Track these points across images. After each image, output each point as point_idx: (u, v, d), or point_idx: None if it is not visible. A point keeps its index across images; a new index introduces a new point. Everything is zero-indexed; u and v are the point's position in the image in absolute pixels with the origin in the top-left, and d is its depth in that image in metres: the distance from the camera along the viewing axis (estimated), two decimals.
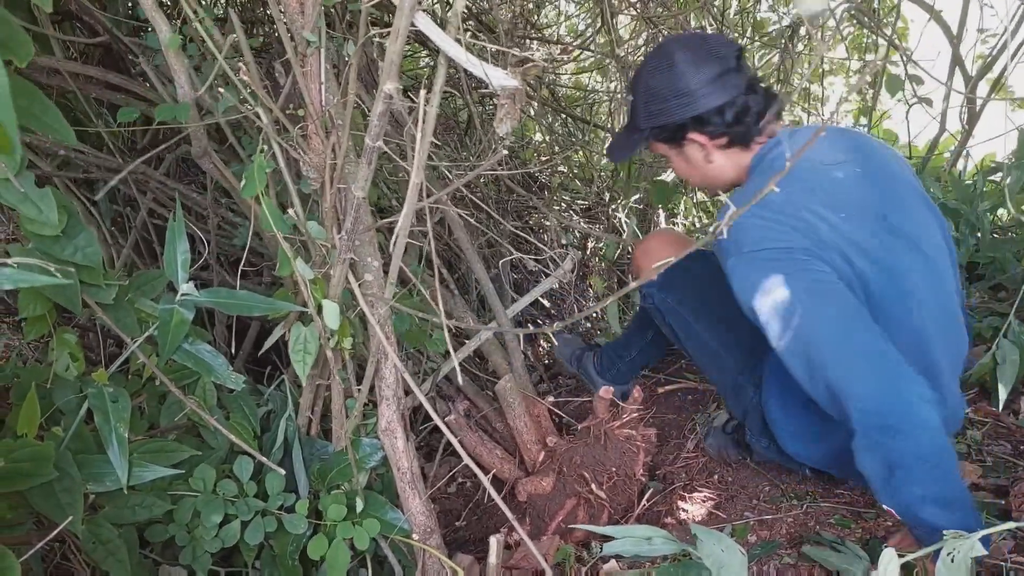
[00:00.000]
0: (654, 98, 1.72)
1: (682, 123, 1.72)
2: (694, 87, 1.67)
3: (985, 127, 3.35)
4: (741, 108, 1.69)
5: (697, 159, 1.79)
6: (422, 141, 1.18)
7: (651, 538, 1.38)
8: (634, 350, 2.46)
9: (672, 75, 1.68)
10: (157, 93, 1.97)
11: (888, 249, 1.59)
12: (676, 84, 1.68)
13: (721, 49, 1.68)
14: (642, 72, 1.75)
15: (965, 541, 1.18)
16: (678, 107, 1.69)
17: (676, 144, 1.79)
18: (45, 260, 1.13)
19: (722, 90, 1.67)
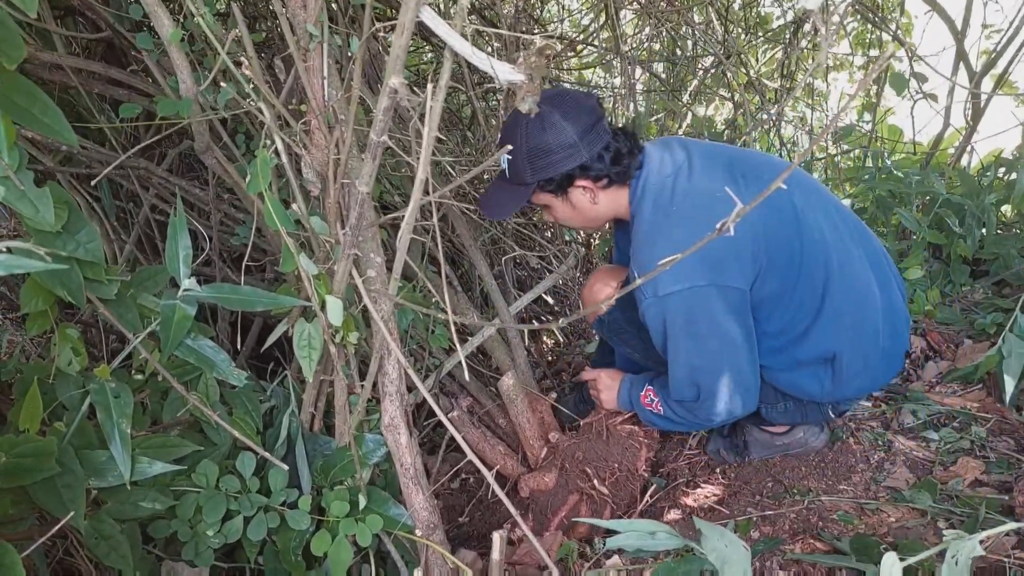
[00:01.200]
0: (539, 153, 1.81)
1: (570, 172, 1.84)
2: (576, 139, 1.80)
3: (990, 122, 3.34)
4: (615, 151, 1.86)
5: (583, 203, 1.93)
6: (428, 136, 1.17)
7: (654, 533, 1.38)
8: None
9: (555, 131, 1.79)
10: (160, 88, 1.96)
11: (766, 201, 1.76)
12: (559, 138, 1.79)
13: (585, 101, 1.84)
14: (519, 131, 1.82)
15: (966, 543, 1.17)
16: (564, 159, 1.82)
17: (562, 192, 1.91)
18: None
19: (597, 137, 1.83)
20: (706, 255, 1.73)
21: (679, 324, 1.78)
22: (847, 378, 1.92)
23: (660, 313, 1.79)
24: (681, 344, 1.81)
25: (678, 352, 1.83)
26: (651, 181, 1.87)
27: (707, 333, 1.78)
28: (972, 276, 2.90)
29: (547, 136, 1.80)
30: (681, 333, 1.80)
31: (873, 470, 1.97)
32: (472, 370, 2.76)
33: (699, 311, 1.76)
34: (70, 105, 2.41)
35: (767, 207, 1.79)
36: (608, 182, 1.88)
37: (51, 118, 1.21)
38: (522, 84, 1.06)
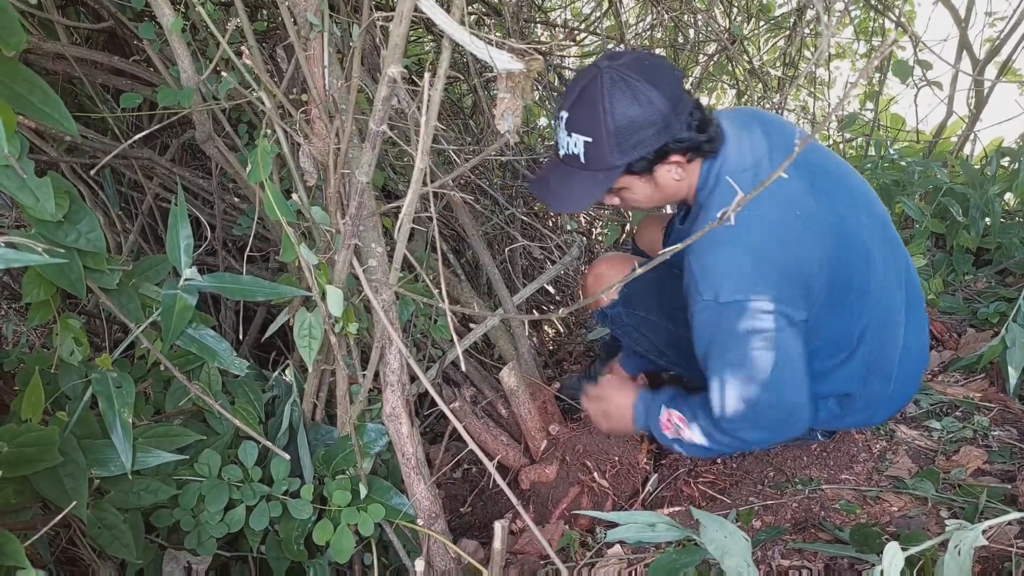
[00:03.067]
0: (630, 130, 1.61)
1: (663, 148, 1.64)
2: (669, 108, 1.61)
3: (993, 110, 3.33)
4: (701, 119, 1.66)
5: (666, 180, 1.72)
6: (427, 126, 1.17)
7: (654, 524, 1.38)
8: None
9: (646, 102, 1.59)
10: (162, 78, 1.96)
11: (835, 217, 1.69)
12: (652, 110, 1.59)
13: (660, 61, 1.66)
14: (600, 108, 1.61)
15: (969, 533, 1.17)
16: (659, 132, 1.62)
17: (647, 171, 1.70)
18: (47, 245, 1.13)
19: (684, 104, 1.64)
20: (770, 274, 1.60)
21: (738, 336, 1.61)
22: (847, 414, 1.90)
23: (714, 321, 1.63)
24: (734, 357, 1.64)
25: (728, 368, 1.65)
26: (727, 170, 1.68)
27: (767, 346, 1.61)
28: (975, 265, 2.89)
29: (639, 109, 1.58)
30: (735, 346, 1.62)
31: (875, 459, 1.97)
32: (475, 360, 2.76)
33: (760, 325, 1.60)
34: (73, 95, 2.41)
35: (840, 239, 1.66)
36: (695, 154, 1.68)
37: (51, 107, 1.21)
38: (519, 75, 1.05)
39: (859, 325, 1.76)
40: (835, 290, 1.68)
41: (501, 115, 1.10)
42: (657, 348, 2.12)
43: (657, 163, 1.67)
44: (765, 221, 1.61)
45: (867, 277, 1.73)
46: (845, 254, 1.68)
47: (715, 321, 1.63)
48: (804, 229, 1.63)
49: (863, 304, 1.73)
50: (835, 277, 1.67)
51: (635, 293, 2.06)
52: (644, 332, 2.10)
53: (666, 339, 2.07)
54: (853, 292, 1.71)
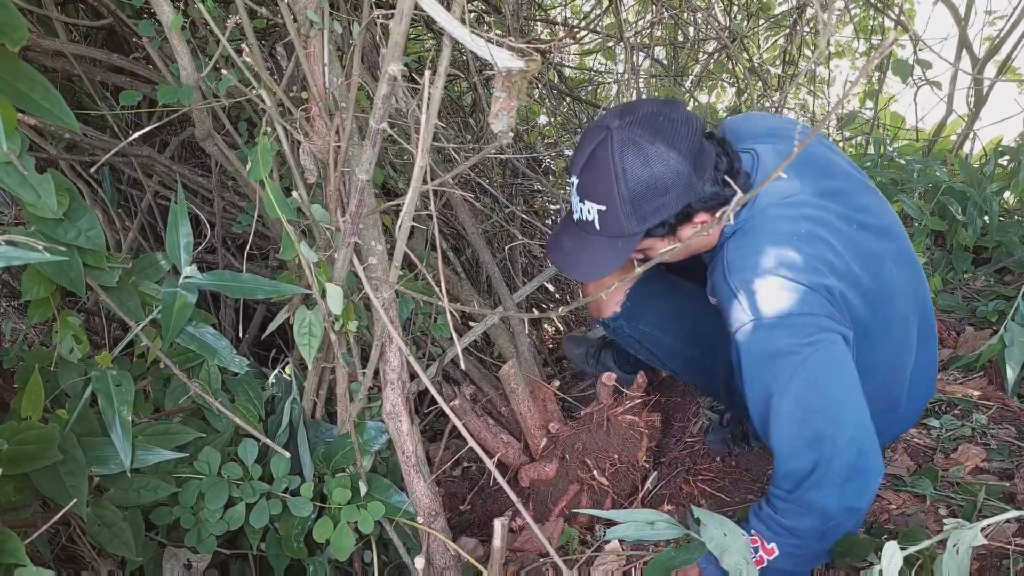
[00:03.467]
0: (647, 195, 1.49)
1: (685, 210, 1.53)
2: (689, 168, 1.48)
3: (992, 109, 3.34)
4: (726, 169, 1.55)
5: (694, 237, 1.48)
6: (427, 124, 1.17)
7: (654, 522, 1.38)
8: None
9: (663, 163, 1.47)
10: (161, 75, 1.96)
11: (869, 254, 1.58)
12: (669, 172, 1.47)
13: (677, 112, 1.52)
14: (614, 175, 1.50)
15: (967, 531, 1.18)
16: (680, 193, 1.50)
17: (672, 233, 1.59)
18: (46, 243, 1.13)
19: (705, 157, 1.53)
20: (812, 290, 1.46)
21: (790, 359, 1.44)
22: None
23: (765, 342, 1.46)
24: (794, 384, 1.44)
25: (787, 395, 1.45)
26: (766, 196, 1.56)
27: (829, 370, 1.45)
28: (974, 264, 2.90)
29: (654, 172, 1.46)
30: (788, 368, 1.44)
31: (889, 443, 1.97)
32: (475, 358, 2.76)
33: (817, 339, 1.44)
34: (72, 92, 2.40)
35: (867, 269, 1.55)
36: (720, 206, 1.55)
37: (52, 103, 1.21)
38: (517, 75, 1.05)
39: (875, 359, 1.62)
40: (863, 319, 1.57)
41: (496, 115, 1.10)
42: (659, 360, 2.08)
43: (680, 224, 1.57)
44: (801, 245, 1.50)
45: (890, 310, 1.62)
46: (872, 285, 1.57)
47: (765, 344, 1.47)
48: (842, 250, 1.53)
49: (883, 339, 1.64)
50: (863, 304, 1.56)
51: (639, 307, 2.00)
52: (647, 345, 2.05)
53: (670, 353, 2.03)
54: (876, 325, 1.60)
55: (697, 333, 1.94)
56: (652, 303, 2.00)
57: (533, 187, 3.65)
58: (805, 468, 1.44)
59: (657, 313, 1.99)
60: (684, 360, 2.02)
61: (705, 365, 1.97)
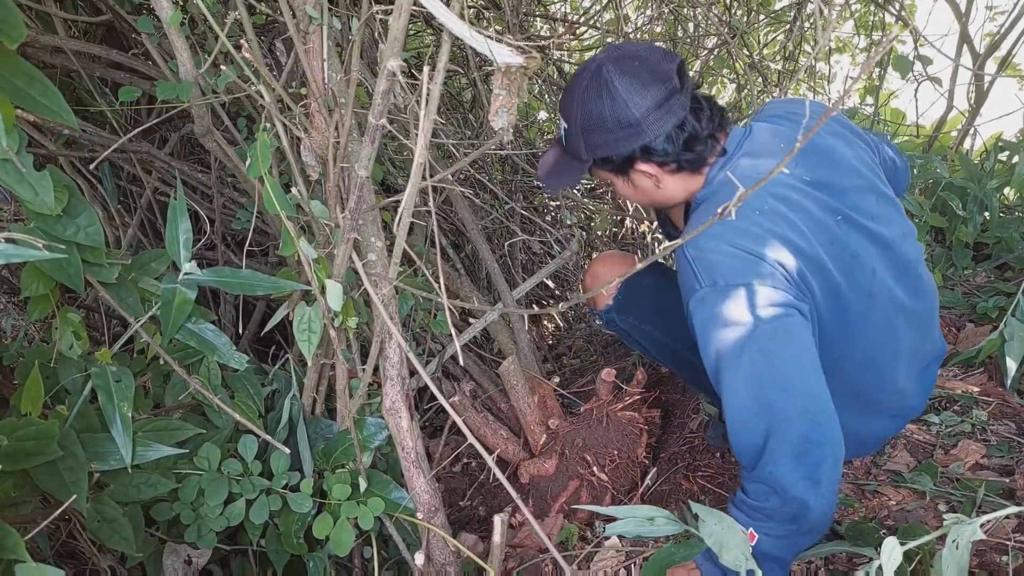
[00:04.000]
0: (595, 129, 1.56)
1: (629, 155, 1.58)
2: (639, 116, 1.52)
3: (993, 105, 3.33)
4: (690, 134, 1.56)
5: (646, 186, 1.66)
6: (426, 120, 1.17)
7: (653, 518, 1.38)
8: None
9: (614, 105, 1.52)
10: (160, 72, 1.96)
11: (844, 247, 1.56)
12: (619, 114, 1.52)
13: (661, 66, 1.53)
14: (576, 99, 1.57)
15: (967, 527, 1.18)
16: (624, 139, 1.55)
17: (622, 173, 1.64)
18: (46, 239, 1.13)
19: (668, 115, 1.53)
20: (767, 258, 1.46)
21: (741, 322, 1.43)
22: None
23: (716, 306, 1.45)
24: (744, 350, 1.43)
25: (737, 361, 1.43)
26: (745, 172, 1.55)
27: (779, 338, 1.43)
28: (974, 260, 2.89)
29: (604, 109, 1.53)
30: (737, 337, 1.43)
31: (874, 454, 1.98)
32: (475, 354, 2.76)
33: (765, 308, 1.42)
34: (71, 89, 2.40)
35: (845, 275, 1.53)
36: (676, 168, 1.59)
37: (50, 100, 1.21)
38: (517, 71, 1.05)
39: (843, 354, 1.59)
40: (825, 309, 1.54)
41: (496, 112, 1.10)
42: (650, 354, 2.11)
43: (628, 168, 1.62)
44: (762, 219, 1.49)
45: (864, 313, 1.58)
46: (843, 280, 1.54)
47: (715, 311, 1.45)
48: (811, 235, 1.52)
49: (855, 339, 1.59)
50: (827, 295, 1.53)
51: (631, 300, 2.02)
52: (637, 338, 2.07)
53: (659, 347, 2.04)
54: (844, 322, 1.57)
55: (685, 329, 1.93)
56: (643, 297, 2.01)
57: (533, 183, 3.65)
58: (758, 441, 1.42)
59: (647, 307, 2.01)
60: (672, 354, 2.03)
61: (692, 360, 1.95)
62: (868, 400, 1.68)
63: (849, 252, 1.55)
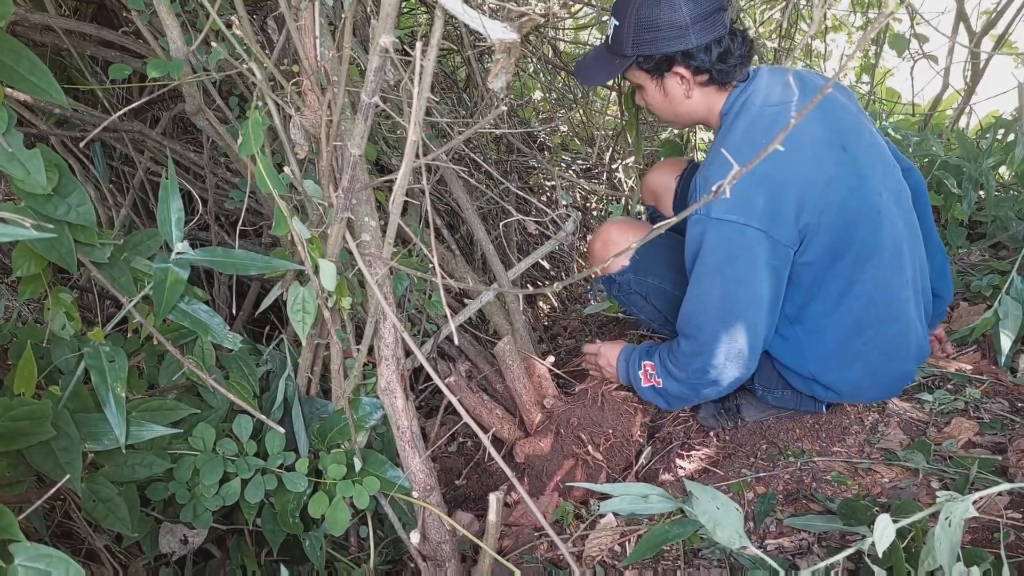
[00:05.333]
0: (646, 27, 1.74)
1: (671, 55, 1.76)
2: (688, 21, 1.71)
3: (989, 84, 3.32)
4: (726, 48, 1.76)
5: (676, 93, 1.85)
6: (419, 97, 1.16)
7: (647, 496, 1.39)
8: None
9: (669, 7, 1.71)
10: (151, 49, 1.94)
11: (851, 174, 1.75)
12: (671, 16, 1.71)
13: None
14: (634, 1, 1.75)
15: (959, 504, 1.18)
16: (670, 39, 1.73)
17: (658, 75, 1.83)
18: (36, 219, 1.12)
19: (712, 27, 1.73)
20: (767, 203, 1.67)
21: (716, 256, 1.72)
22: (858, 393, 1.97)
23: (702, 235, 1.73)
24: (708, 278, 1.75)
25: (701, 284, 1.77)
26: (754, 102, 1.78)
27: (740, 278, 1.71)
28: (969, 238, 2.90)
29: (660, 11, 1.72)
30: (712, 266, 1.73)
31: (867, 432, 1.99)
32: (470, 335, 2.76)
33: (744, 251, 1.69)
34: (61, 67, 2.38)
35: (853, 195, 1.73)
36: (708, 79, 1.80)
37: (39, 78, 1.19)
38: (513, 43, 1.04)
39: (850, 294, 1.79)
40: (835, 245, 1.73)
41: (495, 75, 1.10)
42: (663, 316, 2.12)
43: (665, 70, 1.80)
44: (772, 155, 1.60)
45: (873, 243, 1.76)
46: (851, 214, 1.73)
47: (700, 237, 1.73)
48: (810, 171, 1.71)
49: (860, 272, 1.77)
50: (836, 231, 1.72)
51: (648, 260, 2.07)
52: (652, 301, 2.10)
53: (674, 308, 2.02)
54: (849, 256, 1.75)
55: None
56: (660, 257, 2.07)
57: (528, 163, 3.64)
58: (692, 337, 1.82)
59: (666, 266, 2.06)
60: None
61: None
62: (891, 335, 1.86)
63: (857, 172, 1.75)
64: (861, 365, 1.87)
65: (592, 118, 4.14)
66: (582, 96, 3.92)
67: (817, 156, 1.72)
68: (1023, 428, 1.84)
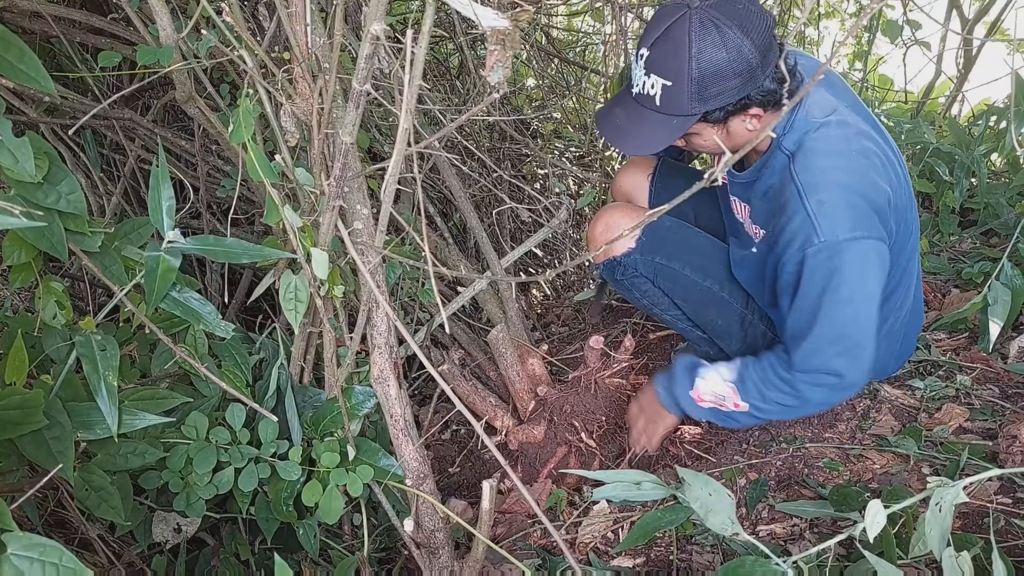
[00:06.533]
0: (712, 80, 1.53)
1: (744, 99, 1.58)
2: (757, 58, 1.52)
3: (982, 71, 3.32)
4: (790, 67, 1.63)
5: (739, 131, 1.66)
6: (410, 85, 1.15)
7: (640, 483, 1.39)
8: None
9: (735, 49, 1.51)
10: (141, 36, 1.93)
11: (901, 166, 1.77)
12: (739, 58, 1.51)
13: (752, 5, 1.55)
14: (685, 52, 1.52)
15: (950, 489, 1.19)
16: (742, 84, 1.54)
17: (723, 121, 1.64)
18: (27, 207, 1.12)
19: (772, 53, 1.56)
20: (874, 210, 1.60)
21: (853, 278, 1.59)
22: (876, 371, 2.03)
23: (833, 259, 1.58)
24: (843, 303, 1.61)
25: (832, 312, 1.62)
26: (814, 115, 1.65)
27: (870, 295, 1.62)
28: (960, 226, 2.90)
29: (727, 57, 1.51)
30: (848, 291, 1.60)
31: (859, 418, 1.99)
32: (464, 323, 2.76)
33: (872, 267, 1.60)
34: (51, 54, 2.36)
35: (904, 185, 1.73)
36: (776, 106, 1.62)
37: (27, 65, 1.18)
38: (505, 31, 1.04)
39: (901, 284, 1.83)
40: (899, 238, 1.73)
41: (491, 68, 1.08)
42: (669, 299, 2.06)
43: (735, 114, 1.62)
44: (860, 162, 1.63)
45: (912, 235, 1.82)
46: (907, 208, 1.75)
47: (834, 260, 1.58)
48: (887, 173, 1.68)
49: (909, 245, 1.82)
50: (901, 224, 1.72)
51: (655, 239, 1.99)
52: (659, 283, 2.02)
53: (683, 288, 2.02)
54: (907, 251, 1.80)
55: (712, 266, 2.02)
56: (668, 236, 2.01)
57: (521, 151, 3.63)
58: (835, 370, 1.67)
59: (673, 245, 2.00)
60: (700, 293, 2.01)
61: (722, 297, 2.01)
62: (906, 313, 1.92)
63: (904, 177, 1.76)
64: (888, 343, 1.92)
65: (585, 105, 4.13)
66: (575, 83, 3.91)
67: (889, 155, 1.70)
68: (1013, 414, 1.85)
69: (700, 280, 2.00)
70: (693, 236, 2.05)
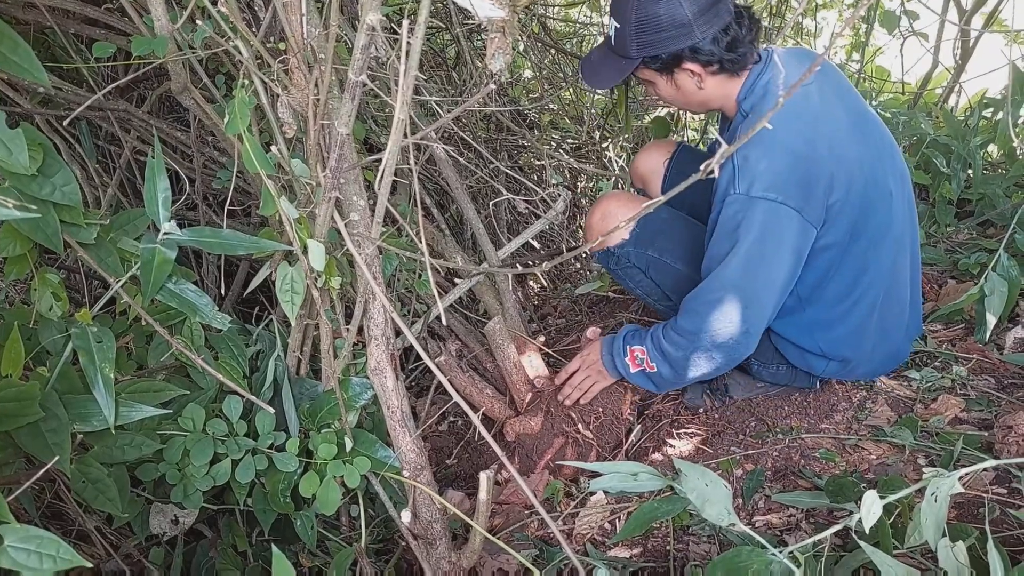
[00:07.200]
0: (648, 28, 1.70)
1: (678, 53, 1.73)
2: (690, 16, 1.67)
3: (979, 62, 3.32)
4: (734, 37, 1.73)
5: (688, 86, 1.82)
6: (406, 75, 1.15)
7: (637, 474, 1.39)
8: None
9: (669, 5, 1.67)
10: (135, 27, 1.92)
11: (871, 156, 1.79)
12: (672, 13, 1.67)
13: None
14: (632, 2, 1.71)
15: (945, 480, 1.19)
16: (674, 37, 1.70)
17: (667, 72, 1.80)
18: (21, 199, 1.11)
19: (716, 17, 1.69)
20: (803, 181, 1.67)
21: (751, 235, 1.69)
22: (852, 369, 2.02)
23: (738, 214, 1.70)
24: (735, 258, 1.71)
25: (728, 263, 1.72)
26: (777, 85, 1.76)
27: (765, 257, 1.70)
28: (957, 217, 2.90)
29: (660, 8, 1.68)
30: (744, 245, 1.70)
31: (855, 409, 2.00)
32: (461, 314, 2.76)
33: (775, 231, 1.69)
34: (45, 45, 2.35)
35: (869, 178, 1.76)
36: (719, 68, 1.76)
37: (21, 57, 1.17)
38: (502, 21, 1.03)
39: (864, 277, 1.83)
40: (855, 226, 1.77)
41: (492, 55, 1.09)
42: (661, 291, 2.11)
43: (674, 67, 1.78)
44: (806, 130, 1.69)
45: (886, 225, 1.82)
46: (871, 195, 1.77)
47: (739, 215, 1.70)
48: (841, 149, 1.72)
49: (873, 254, 1.82)
50: (857, 212, 1.75)
51: (649, 232, 2.04)
52: (651, 275, 2.08)
53: (674, 280, 2.06)
54: (865, 238, 1.79)
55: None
56: (662, 229, 2.05)
57: (518, 142, 3.62)
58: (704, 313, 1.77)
59: (666, 238, 2.05)
60: (691, 286, 2.01)
61: None
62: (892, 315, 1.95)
63: (874, 153, 1.80)
64: (869, 344, 1.93)
65: (582, 97, 4.12)
66: (572, 74, 3.90)
67: (844, 135, 1.74)
68: (1009, 405, 1.85)
69: (692, 274, 2.00)
70: (688, 229, 2.06)
